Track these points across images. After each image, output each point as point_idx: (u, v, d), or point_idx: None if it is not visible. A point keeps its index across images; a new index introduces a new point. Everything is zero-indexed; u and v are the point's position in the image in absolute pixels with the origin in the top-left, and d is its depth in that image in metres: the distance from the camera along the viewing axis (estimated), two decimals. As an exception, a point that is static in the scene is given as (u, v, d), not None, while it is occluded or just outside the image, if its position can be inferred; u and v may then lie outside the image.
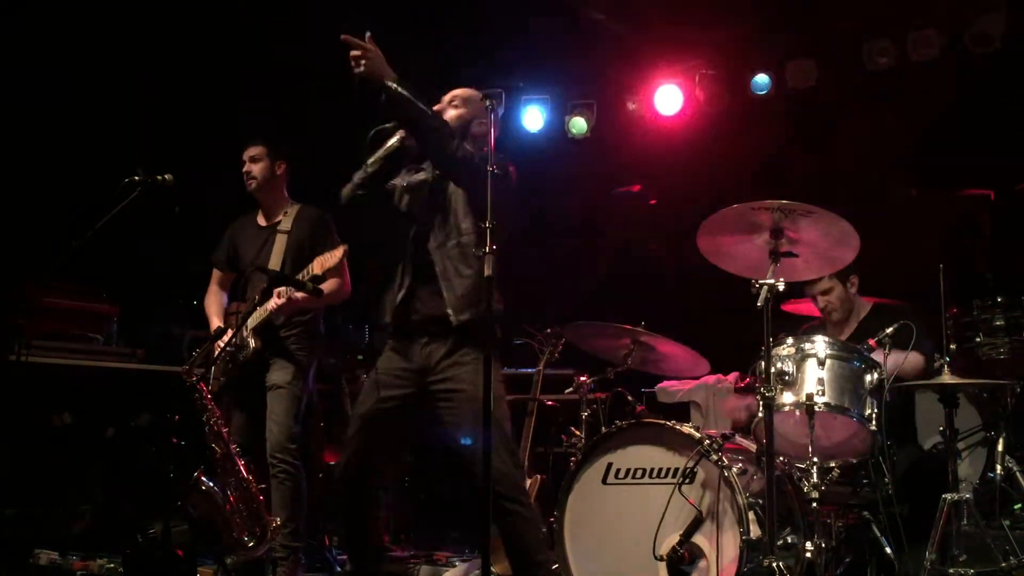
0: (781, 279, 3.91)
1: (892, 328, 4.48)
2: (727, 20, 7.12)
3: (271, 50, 7.16)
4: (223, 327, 4.93)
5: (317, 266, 4.55)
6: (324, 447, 5.99)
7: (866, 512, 4.44)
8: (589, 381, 5.34)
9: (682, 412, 6.52)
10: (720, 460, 4.22)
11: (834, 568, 4.31)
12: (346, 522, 4.28)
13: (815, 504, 4.15)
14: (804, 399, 4.20)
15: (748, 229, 4.04)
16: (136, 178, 4.59)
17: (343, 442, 4.28)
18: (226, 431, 4.70)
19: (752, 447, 4.43)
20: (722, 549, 4.17)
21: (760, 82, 7.30)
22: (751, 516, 4.14)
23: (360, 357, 6.76)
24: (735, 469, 4.24)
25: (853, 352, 4.35)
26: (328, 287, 4.70)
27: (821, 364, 4.25)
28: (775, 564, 3.78)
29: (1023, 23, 6.41)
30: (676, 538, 4.24)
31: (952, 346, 5.01)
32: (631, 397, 5.36)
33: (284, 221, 5.09)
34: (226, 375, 4.92)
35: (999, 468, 4.97)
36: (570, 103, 8.01)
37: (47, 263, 4.92)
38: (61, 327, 6.04)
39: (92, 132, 6.97)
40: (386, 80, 3.81)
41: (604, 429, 4.67)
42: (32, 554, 5.13)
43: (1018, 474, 5.01)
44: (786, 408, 4.24)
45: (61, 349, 5.92)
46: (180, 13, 6.88)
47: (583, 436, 5.19)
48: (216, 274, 5.30)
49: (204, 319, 5.25)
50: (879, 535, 4.37)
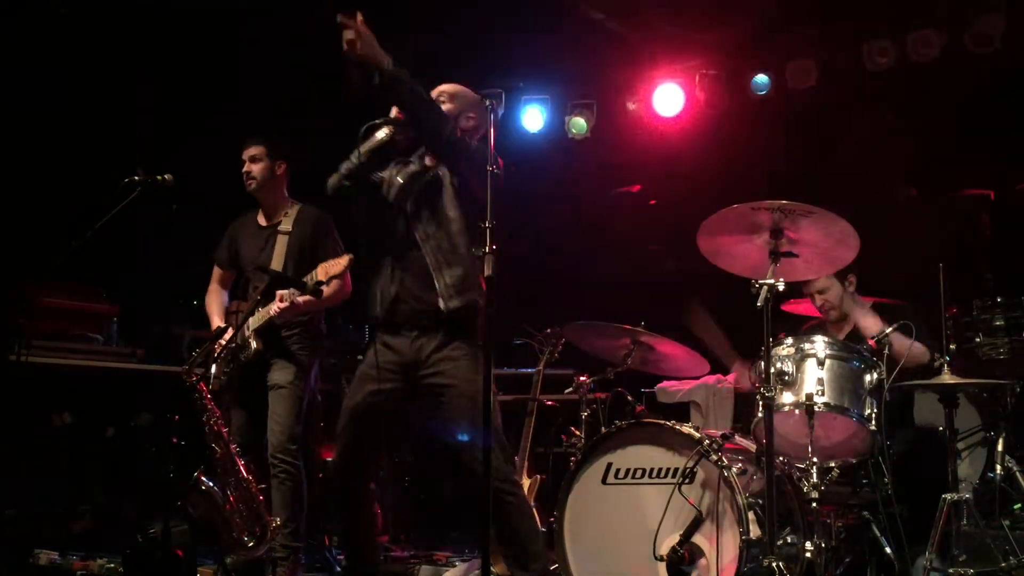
0: (781, 279, 3.92)
1: (892, 328, 4.49)
2: (727, 20, 7.12)
3: (271, 50, 7.15)
4: (224, 326, 4.93)
5: (321, 272, 4.55)
6: (324, 447, 5.98)
7: (866, 512, 4.44)
8: (589, 381, 5.34)
9: (682, 412, 6.52)
10: (720, 460, 4.21)
11: (834, 568, 4.31)
12: (342, 516, 4.30)
13: (815, 504, 4.16)
14: (804, 399, 4.20)
15: (748, 229, 4.04)
16: (136, 178, 4.60)
17: (335, 436, 4.31)
18: (226, 431, 4.71)
19: (752, 447, 4.42)
20: (722, 549, 4.17)
21: (760, 82, 7.30)
22: (751, 516, 4.13)
23: (360, 357, 6.74)
24: (735, 469, 4.24)
25: (853, 352, 4.35)
26: (328, 288, 4.70)
27: (821, 364, 4.26)
28: (775, 564, 3.78)
29: (1023, 23, 6.41)
30: (676, 538, 4.23)
31: (952, 346, 5.01)
32: (631, 397, 5.36)
33: (285, 222, 5.09)
34: (227, 374, 4.92)
35: (999, 468, 4.97)
36: (570, 103, 8.01)
37: (47, 263, 4.92)
38: (61, 327, 6.04)
39: (92, 132, 6.97)
40: (381, 61, 3.80)
41: (604, 429, 4.66)
42: (32, 554, 5.13)
43: (1018, 474, 5.01)
44: (786, 408, 4.24)
45: (61, 349, 5.93)
46: (180, 13, 6.88)
47: (583, 436, 5.19)
48: (217, 272, 5.30)
49: (204, 319, 5.25)
50: (879, 535, 4.37)
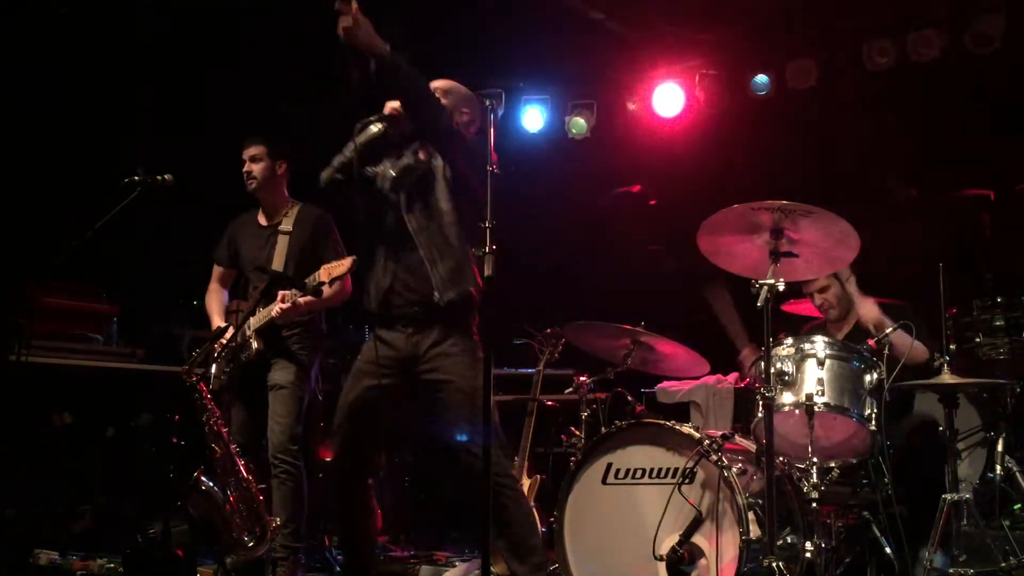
0: (781, 279, 3.92)
1: (892, 328, 4.49)
2: (727, 20, 7.12)
3: (270, 50, 7.15)
4: (224, 326, 4.93)
5: (324, 274, 4.55)
6: (324, 447, 5.98)
7: (866, 512, 4.44)
8: (589, 381, 5.34)
9: (682, 412, 6.52)
10: (720, 460, 4.21)
11: (834, 568, 4.31)
12: (340, 513, 4.31)
13: (815, 504, 4.16)
14: (804, 399, 4.20)
15: (748, 229, 4.04)
16: (136, 178, 4.60)
17: (332, 433, 4.32)
18: (226, 431, 4.70)
19: (752, 447, 4.42)
20: (722, 549, 4.17)
21: (760, 82, 7.31)
22: (751, 516, 4.13)
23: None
24: (735, 469, 4.24)
25: (853, 352, 4.35)
26: (329, 289, 4.70)
27: (821, 364, 4.26)
28: (775, 564, 3.78)
29: (1023, 23, 6.41)
30: (676, 538, 4.23)
31: (952, 346, 5.01)
32: (631, 397, 5.36)
33: (285, 222, 5.09)
34: (227, 374, 4.92)
35: (999, 468, 4.98)
36: (570, 103, 8.01)
37: (47, 263, 4.92)
38: (61, 327, 6.04)
39: (92, 132, 6.97)
40: (377, 47, 3.78)
41: (604, 429, 4.66)
42: (32, 554, 5.13)
43: (1018, 474, 5.01)
44: (786, 408, 4.24)
45: (61, 349, 5.93)
46: (180, 13, 6.88)
47: (583, 436, 5.19)
48: (217, 271, 5.30)
49: (204, 319, 5.24)
50: (879, 535, 4.37)
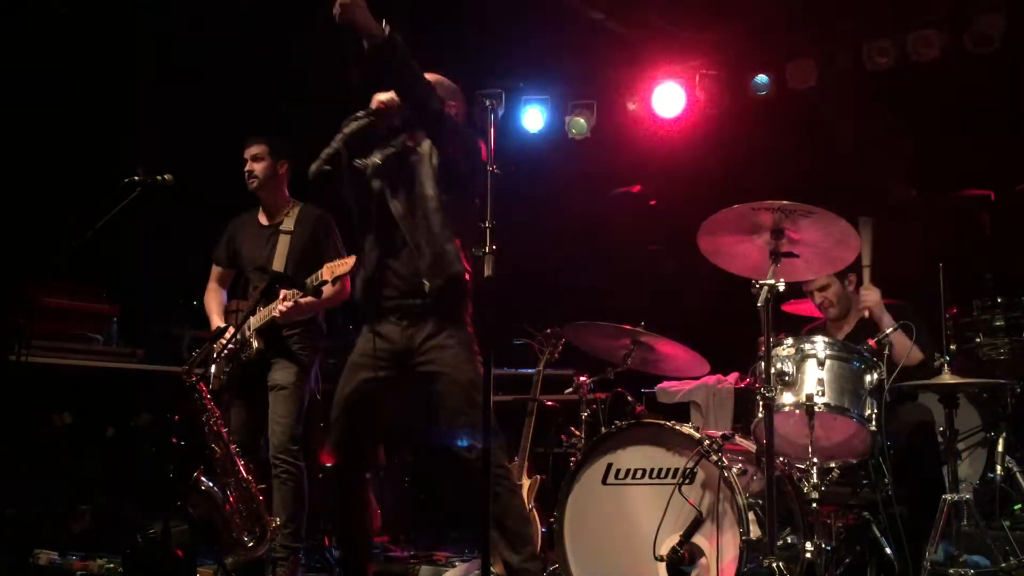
0: (781, 279, 3.92)
1: (892, 328, 4.49)
2: (727, 20, 7.12)
3: (271, 50, 7.15)
4: (223, 326, 4.93)
5: (327, 272, 4.57)
6: (323, 447, 5.98)
7: (866, 512, 4.44)
8: (589, 381, 5.34)
9: (682, 412, 6.51)
10: (720, 460, 4.21)
11: (834, 568, 4.31)
12: (338, 508, 4.30)
13: (815, 504, 4.15)
14: (804, 399, 4.20)
15: (749, 229, 4.04)
16: (136, 178, 4.60)
17: (329, 427, 4.33)
18: (225, 431, 4.70)
19: (752, 447, 4.42)
20: (722, 549, 4.17)
21: (760, 82, 7.31)
22: (751, 516, 4.13)
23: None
24: (735, 469, 4.23)
25: (853, 352, 4.35)
26: (329, 289, 4.70)
27: (821, 364, 4.26)
28: (775, 564, 3.78)
29: (1023, 23, 6.41)
30: (676, 538, 4.23)
31: (952, 346, 5.01)
32: (631, 397, 5.35)
33: (287, 222, 5.09)
34: (226, 374, 4.92)
35: (999, 468, 4.98)
36: (570, 103, 8.01)
37: (47, 263, 4.92)
38: (61, 327, 6.04)
39: (92, 132, 6.96)
40: (373, 27, 3.75)
41: (604, 429, 4.65)
42: (32, 554, 5.13)
43: (1018, 474, 5.02)
44: (786, 408, 4.24)
45: (61, 349, 5.93)
46: (180, 12, 6.88)
47: (583, 436, 5.19)
48: (216, 271, 5.30)
49: (204, 319, 5.24)
50: (879, 535, 4.37)
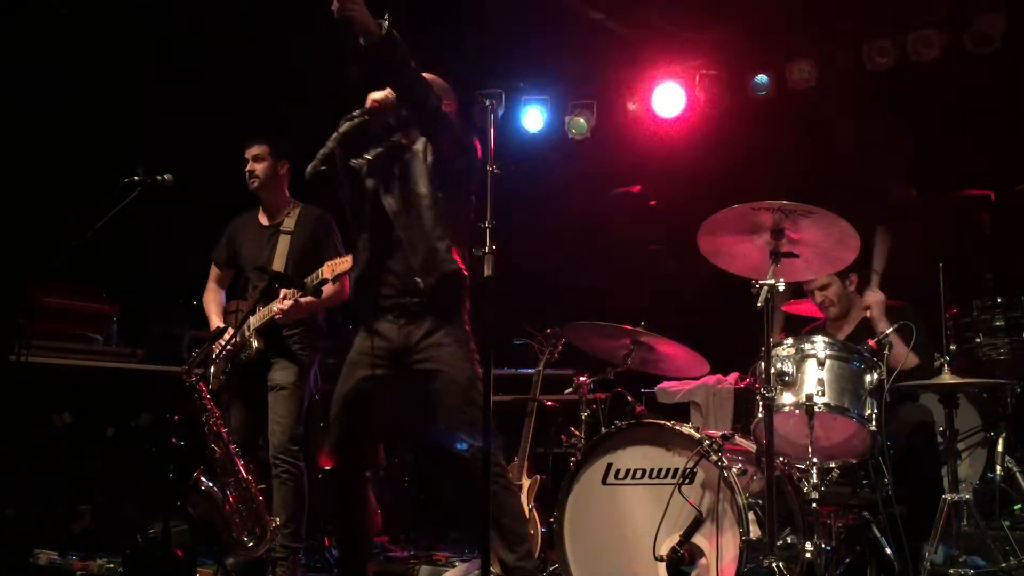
0: (781, 279, 3.92)
1: (892, 328, 4.49)
2: (727, 20, 7.12)
3: (271, 49, 7.15)
4: (223, 326, 4.93)
5: (327, 271, 4.59)
6: (322, 448, 5.98)
7: (866, 512, 4.44)
8: (589, 381, 5.34)
9: (682, 412, 6.51)
10: (720, 461, 4.21)
11: (834, 568, 4.30)
12: (336, 506, 4.31)
13: (815, 504, 4.15)
14: (804, 399, 4.20)
15: (749, 229, 4.04)
16: (136, 178, 4.60)
17: (328, 425, 4.34)
18: (225, 431, 4.71)
19: (752, 448, 4.42)
20: (722, 549, 4.17)
21: (760, 82, 7.31)
22: (751, 516, 4.13)
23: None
24: (735, 469, 4.23)
25: (853, 352, 4.35)
26: (329, 289, 4.71)
27: (821, 364, 4.26)
28: (775, 564, 3.78)
29: (1023, 23, 6.41)
30: (676, 538, 4.23)
31: (952, 346, 5.01)
32: (631, 397, 5.35)
33: (287, 222, 5.09)
34: (226, 374, 4.92)
35: (999, 468, 4.98)
36: (570, 103, 8.01)
37: (47, 263, 4.92)
38: (61, 327, 6.04)
39: (92, 132, 6.96)
40: (371, 23, 3.75)
41: (604, 429, 4.65)
42: (32, 554, 5.13)
43: (1018, 474, 5.02)
44: (786, 408, 4.24)
45: (61, 349, 5.93)
46: (180, 12, 6.88)
47: (583, 436, 5.19)
48: (214, 271, 5.30)
49: (204, 319, 5.24)
50: (879, 535, 4.37)
